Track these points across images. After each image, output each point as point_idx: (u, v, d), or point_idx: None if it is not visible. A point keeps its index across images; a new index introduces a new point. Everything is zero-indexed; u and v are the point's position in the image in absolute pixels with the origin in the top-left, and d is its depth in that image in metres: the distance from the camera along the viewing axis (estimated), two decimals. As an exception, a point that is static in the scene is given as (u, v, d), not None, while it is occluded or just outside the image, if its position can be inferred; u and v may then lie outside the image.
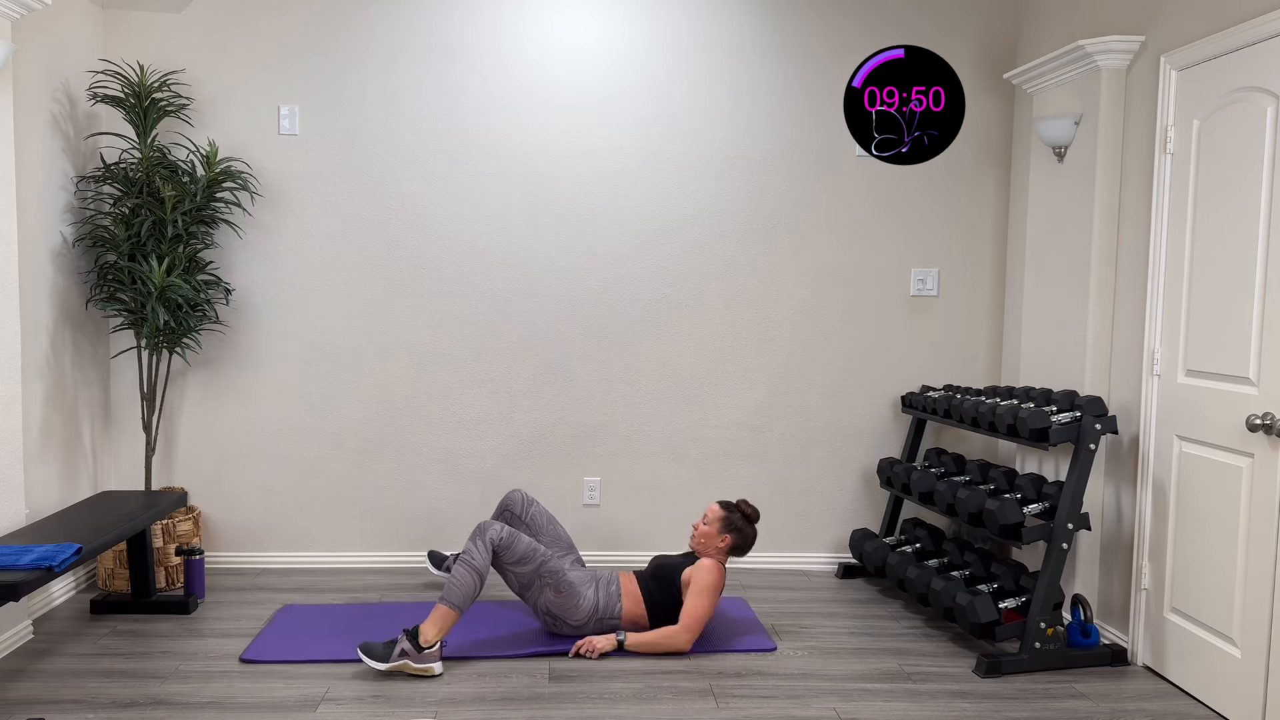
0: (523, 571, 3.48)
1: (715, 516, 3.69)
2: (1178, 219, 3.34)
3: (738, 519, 3.69)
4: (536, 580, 3.49)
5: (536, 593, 3.51)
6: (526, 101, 4.38)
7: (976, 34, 4.45)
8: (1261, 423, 2.91)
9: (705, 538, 3.66)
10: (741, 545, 3.69)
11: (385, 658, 3.26)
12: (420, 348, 4.44)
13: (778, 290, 4.51)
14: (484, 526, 3.45)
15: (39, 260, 3.80)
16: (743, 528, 3.69)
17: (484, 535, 3.42)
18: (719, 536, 3.65)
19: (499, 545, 3.43)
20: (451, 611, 3.30)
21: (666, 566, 3.67)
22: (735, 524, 3.68)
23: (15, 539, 3.22)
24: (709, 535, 3.65)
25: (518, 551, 3.46)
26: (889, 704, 3.14)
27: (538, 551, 3.50)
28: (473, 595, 3.33)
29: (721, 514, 3.70)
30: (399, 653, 3.25)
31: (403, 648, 3.25)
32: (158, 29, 4.26)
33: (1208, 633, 3.17)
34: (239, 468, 4.42)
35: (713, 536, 3.65)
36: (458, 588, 3.31)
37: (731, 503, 3.76)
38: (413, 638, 3.26)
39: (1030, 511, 3.57)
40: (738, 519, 3.69)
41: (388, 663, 3.25)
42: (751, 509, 3.74)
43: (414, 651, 3.25)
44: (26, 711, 2.97)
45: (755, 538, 3.73)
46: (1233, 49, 3.08)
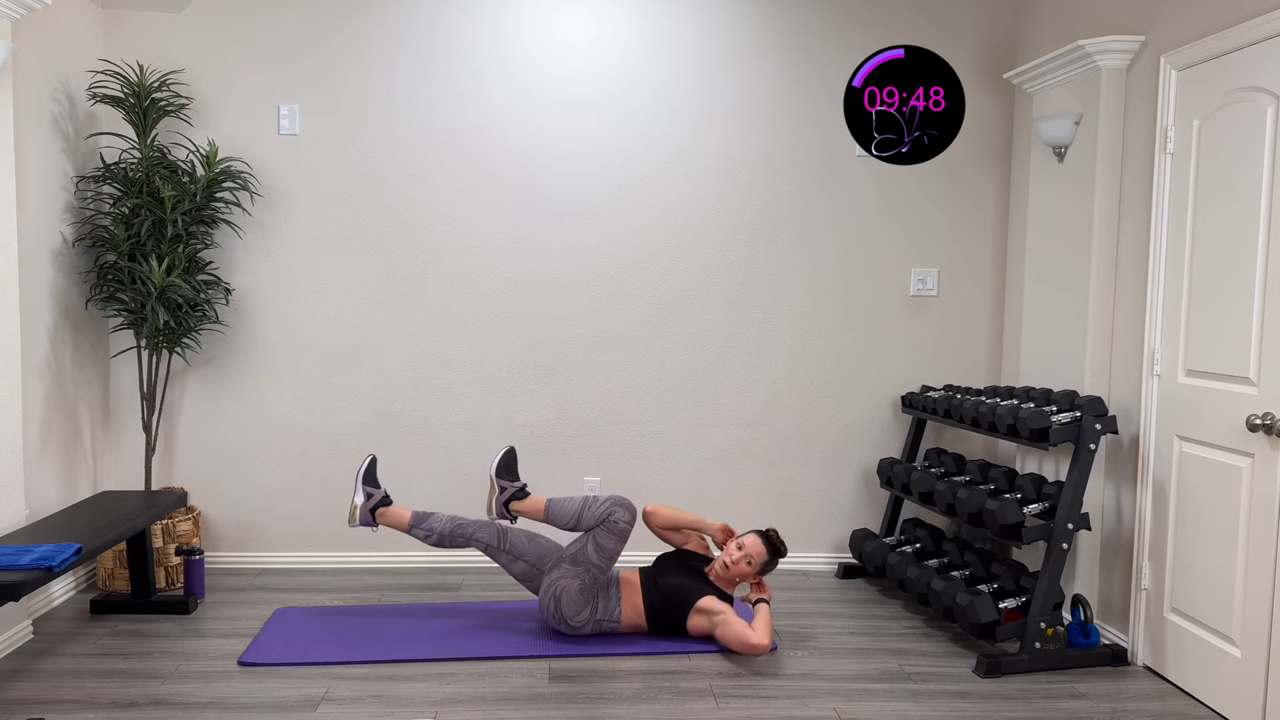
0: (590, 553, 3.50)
1: (759, 560, 3.59)
2: (1178, 219, 3.34)
3: (774, 565, 3.65)
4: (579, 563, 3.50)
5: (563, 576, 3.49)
6: (526, 102, 4.38)
7: (976, 34, 4.45)
8: (1261, 423, 2.91)
9: (741, 576, 3.61)
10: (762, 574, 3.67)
11: (498, 479, 3.69)
12: (420, 348, 4.44)
13: (778, 290, 4.51)
14: (621, 501, 3.54)
15: (39, 260, 3.80)
16: (773, 569, 3.67)
17: (618, 505, 3.51)
18: (754, 577, 3.63)
19: (620, 528, 3.49)
20: (543, 511, 3.60)
21: (678, 590, 3.59)
22: (771, 569, 3.66)
23: (15, 539, 3.22)
24: (745, 575, 3.60)
25: (616, 547, 3.52)
26: (889, 704, 3.14)
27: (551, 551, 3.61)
28: (564, 521, 3.56)
29: (765, 558, 3.60)
30: (501, 487, 3.67)
31: (505, 486, 3.67)
32: (158, 29, 4.26)
33: (1208, 633, 3.17)
34: (239, 467, 4.42)
35: (748, 576, 3.61)
36: (560, 507, 3.57)
37: (769, 539, 3.63)
38: (518, 493, 3.64)
39: (1030, 511, 3.57)
40: (774, 565, 3.65)
41: (496, 479, 3.68)
42: (785, 548, 3.68)
43: (502, 497, 3.65)
44: (26, 711, 2.97)
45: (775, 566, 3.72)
46: (1232, 49, 3.08)
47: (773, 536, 3.65)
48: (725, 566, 3.61)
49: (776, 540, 3.65)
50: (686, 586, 3.58)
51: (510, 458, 3.73)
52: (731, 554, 3.60)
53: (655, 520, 3.79)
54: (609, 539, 3.50)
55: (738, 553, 3.59)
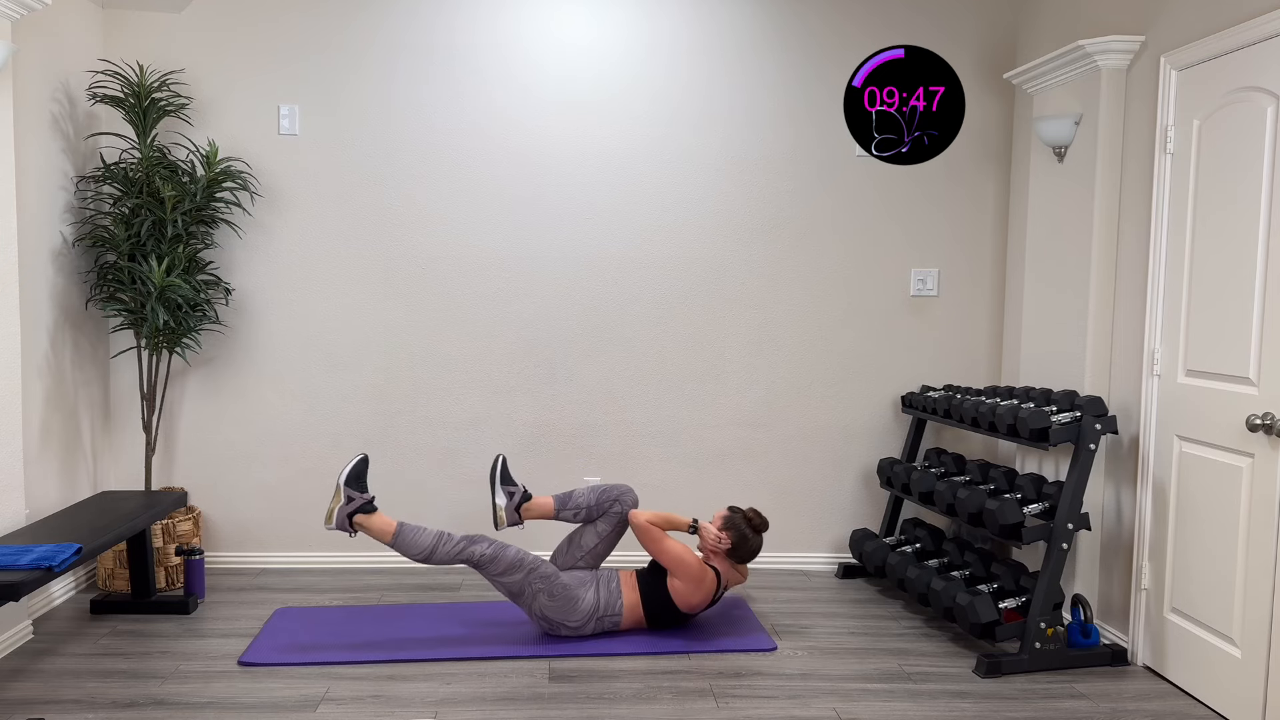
0: (512, 580, 3.48)
1: (719, 516, 3.73)
2: (1178, 219, 3.34)
3: (739, 519, 3.70)
4: (527, 588, 3.49)
5: (530, 599, 3.51)
6: (526, 101, 4.38)
7: (976, 34, 4.45)
8: (1261, 423, 2.91)
9: (713, 542, 3.67)
10: (740, 545, 3.68)
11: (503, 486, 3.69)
12: (420, 347, 4.44)
13: (778, 290, 4.51)
14: (475, 538, 3.49)
15: (39, 260, 3.80)
16: (742, 528, 3.69)
17: (471, 544, 3.47)
18: (719, 533, 3.66)
19: (482, 560, 3.46)
20: (390, 531, 3.47)
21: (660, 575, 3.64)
22: (736, 524, 3.69)
23: (15, 539, 3.22)
24: (715, 538, 3.66)
25: (504, 562, 3.47)
26: (889, 704, 3.14)
27: (525, 560, 3.49)
28: (415, 549, 3.46)
29: (725, 514, 3.72)
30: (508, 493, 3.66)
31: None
32: (158, 29, 4.26)
33: (1208, 633, 3.17)
34: (239, 467, 4.42)
35: (718, 539, 3.65)
36: (412, 535, 3.47)
37: (739, 507, 3.79)
38: (365, 506, 3.48)
39: (1030, 511, 3.57)
40: (739, 519, 3.70)
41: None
42: (760, 518, 3.73)
43: (350, 507, 3.48)
44: (26, 711, 2.97)
45: (759, 548, 3.73)
46: (1232, 49, 3.08)
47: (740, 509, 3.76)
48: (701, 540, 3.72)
49: (744, 510, 3.75)
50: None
51: (502, 466, 3.74)
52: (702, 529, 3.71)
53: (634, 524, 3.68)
54: (496, 563, 3.48)
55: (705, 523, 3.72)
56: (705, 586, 3.58)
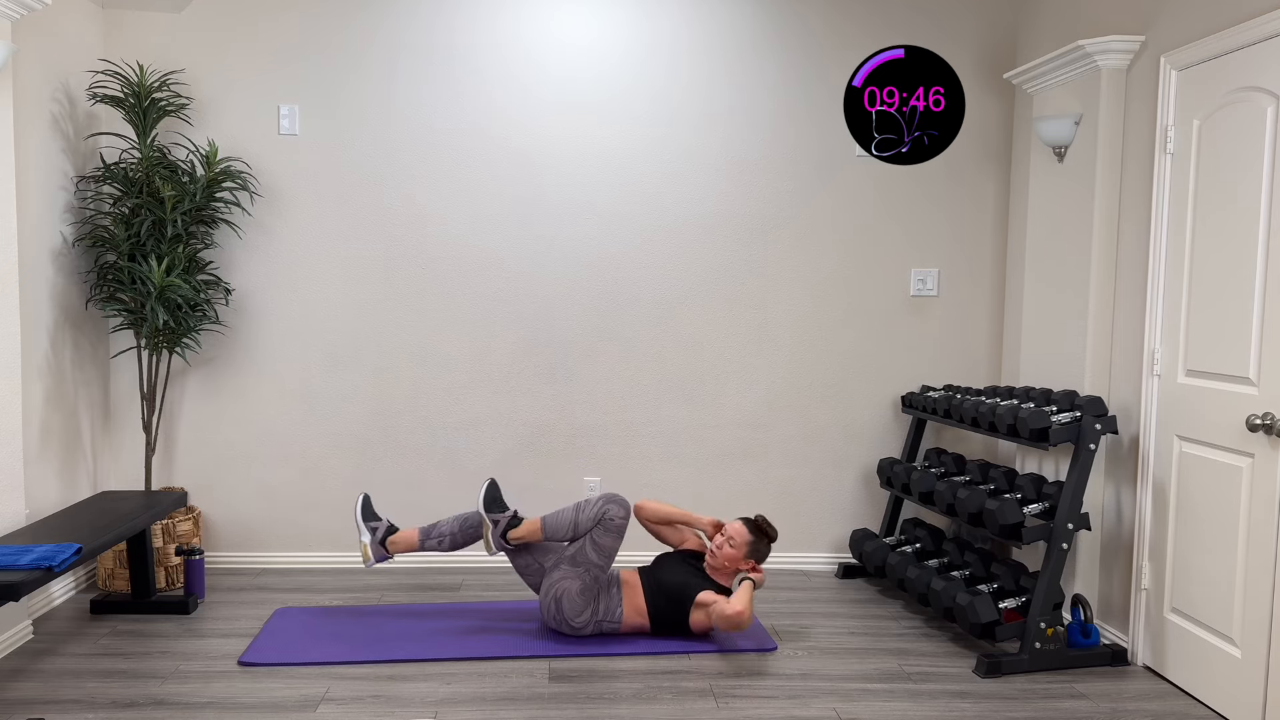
0: (588, 553, 3.51)
1: (743, 541, 3.63)
2: (1178, 219, 3.34)
3: (763, 546, 3.66)
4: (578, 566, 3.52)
5: (563, 578, 3.50)
6: (526, 101, 4.38)
7: (976, 34, 4.45)
8: (1261, 423, 2.91)
9: (729, 561, 3.62)
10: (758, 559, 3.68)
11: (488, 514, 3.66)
12: (420, 348, 4.44)
13: (778, 290, 4.51)
14: (614, 497, 3.56)
15: (39, 260, 3.80)
16: (765, 552, 3.68)
17: (611, 502, 3.53)
18: (744, 560, 3.63)
19: (616, 524, 3.52)
20: (539, 530, 3.57)
21: (677, 585, 3.60)
22: (760, 551, 3.66)
23: (15, 539, 3.22)
24: (733, 559, 3.62)
25: (614, 544, 3.54)
26: (889, 704, 3.14)
27: (613, 553, 3.57)
28: (562, 532, 3.56)
29: (749, 539, 3.63)
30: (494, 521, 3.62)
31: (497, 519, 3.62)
32: (158, 29, 4.26)
33: (1208, 633, 3.17)
34: (239, 468, 4.42)
35: (737, 560, 3.62)
36: (555, 521, 3.56)
37: (755, 523, 3.68)
38: (511, 522, 3.60)
39: (1030, 511, 3.57)
40: (763, 546, 3.66)
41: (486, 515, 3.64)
42: (774, 531, 3.70)
43: (497, 531, 3.60)
44: (26, 711, 2.97)
45: (767, 554, 3.72)
46: (1232, 49, 3.08)
47: (757, 519, 3.70)
48: (713, 554, 3.65)
49: (761, 521, 3.69)
50: (685, 582, 3.59)
51: (494, 490, 3.71)
52: (715, 540, 3.66)
53: (645, 514, 3.79)
54: (607, 537, 3.52)
55: (720, 538, 3.66)
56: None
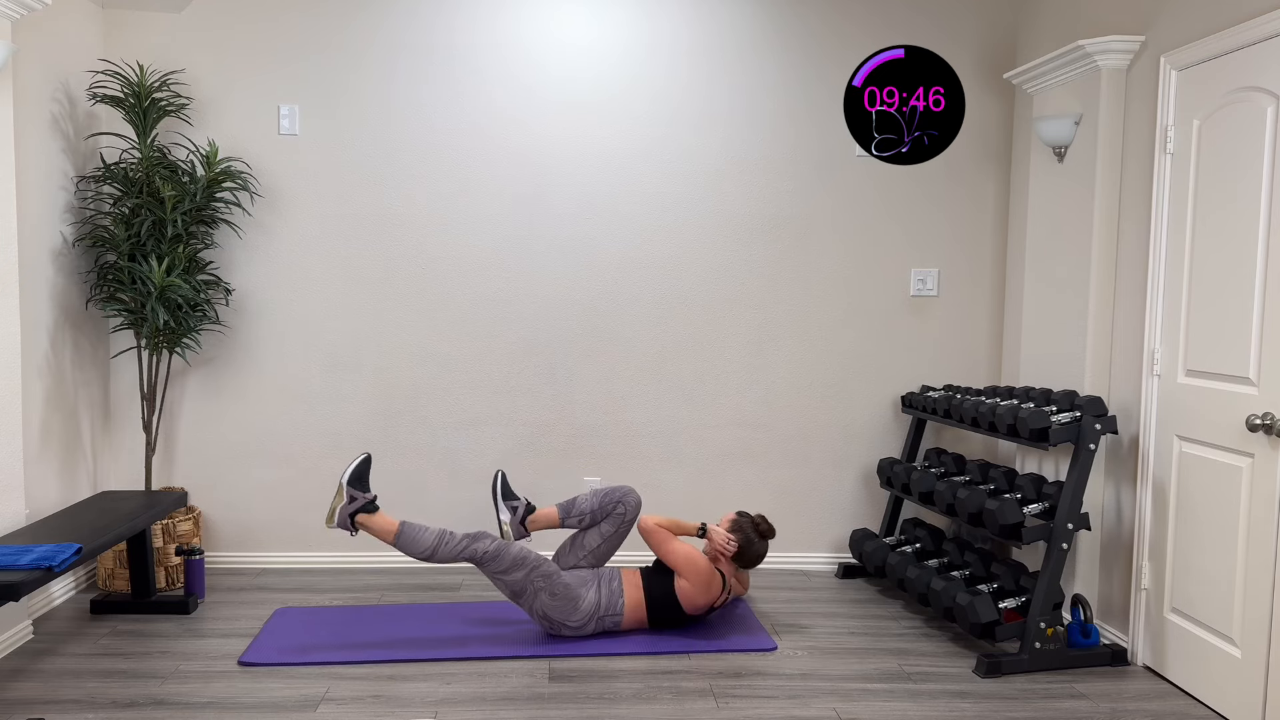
0: (514, 579, 3.48)
1: (727, 520, 3.75)
2: (1178, 219, 3.34)
3: (746, 523, 3.72)
4: (529, 586, 3.49)
5: (531, 598, 3.51)
6: (526, 101, 4.38)
7: (976, 34, 4.45)
8: (1261, 423, 2.91)
9: (721, 544, 3.67)
10: (745, 549, 3.69)
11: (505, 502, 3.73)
12: (420, 347, 4.44)
13: (777, 290, 4.51)
14: (478, 535, 3.50)
15: (39, 260, 3.80)
16: (749, 532, 3.70)
17: (474, 541, 3.48)
18: (728, 535, 3.67)
19: (484, 557, 3.46)
20: (392, 531, 3.47)
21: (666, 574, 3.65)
22: (743, 527, 3.70)
23: (15, 539, 3.22)
24: (723, 540, 3.66)
25: (506, 560, 3.47)
26: (889, 704, 3.14)
27: (528, 558, 3.49)
28: (418, 548, 3.47)
29: (733, 518, 3.75)
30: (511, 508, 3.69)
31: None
32: (158, 29, 4.26)
33: (1208, 633, 3.17)
34: (239, 468, 4.42)
35: (726, 540, 3.66)
36: (414, 534, 3.48)
37: (748, 513, 3.81)
38: (368, 505, 3.48)
39: (1030, 511, 3.57)
40: (746, 523, 3.72)
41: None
42: (767, 524, 3.75)
43: (352, 506, 3.47)
44: (26, 711, 2.97)
45: (764, 554, 3.74)
46: (1232, 49, 3.08)
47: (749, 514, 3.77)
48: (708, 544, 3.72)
49: (753, 516, 3.76)
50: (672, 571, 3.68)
51: (505, 482, 3.79)
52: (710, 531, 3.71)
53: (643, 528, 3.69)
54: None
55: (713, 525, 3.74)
56: (712, 588, 3.58)
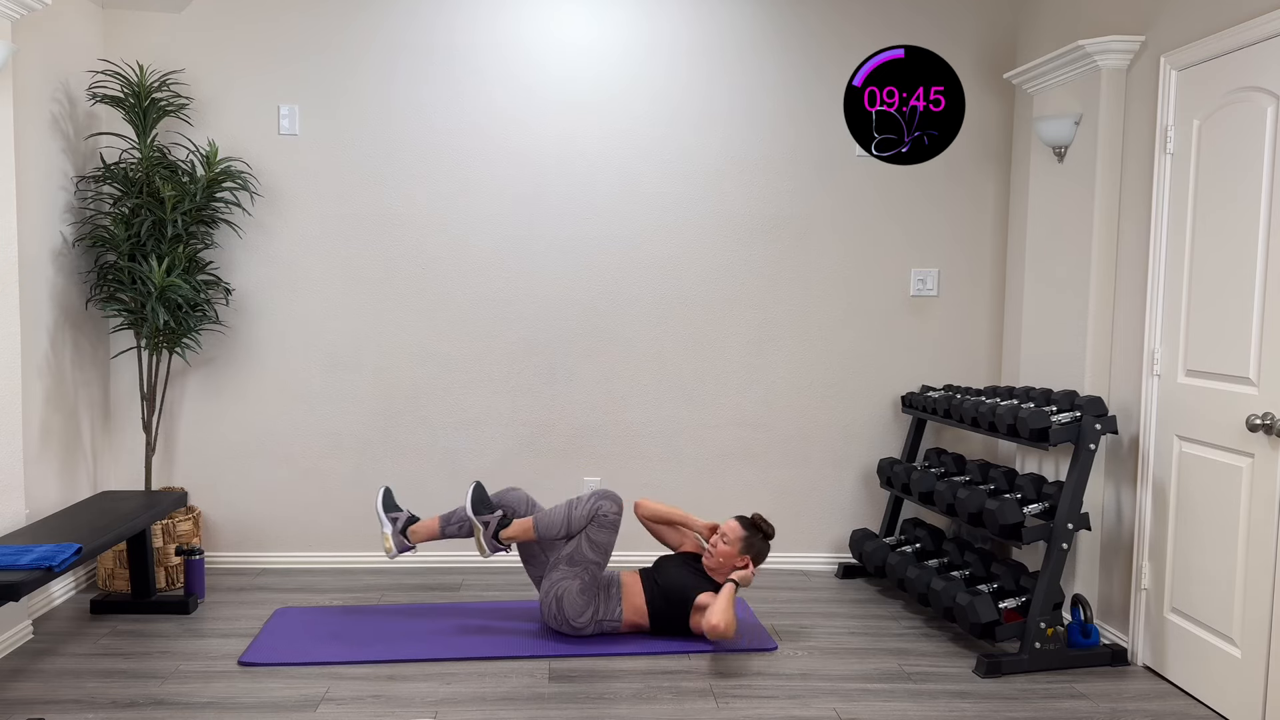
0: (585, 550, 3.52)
1: (736, 537, 3.63)
2: (1178, 219, 3.34)
3: (758, 541, 3.66)
4: (576, 564, 3.52)
5: (562, 578, 3.51)
6: (526, 101, 4.38)
7: (976, 34, 4.45)
8: (1261, 423, 2.91)
9: (725, 558, 3.62)
10: (756, 563, 3.68)
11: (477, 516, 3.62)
12: (420, 347, 4.44)
13: (778, 290, 4.51)
14: (606, 493, 3.55)
15: (39, 260, 3.80)
16: (761, 549, 3.67)
17: (604, 499, 3.53)
18: (739, 558, 3.63)
19: (610, 519, 3.52)
20: (531, 530, 3.56)
21: (677, 587, 3.60)
22: (755, 546, 3.65)
23: (15, 539, 3.22)
24: (728, 555, 3.62)
25: (609, 539, 3.54)
26: (889, 704, 3.14)
27: (610, 551, 3.56)
28: (555, 531, 3.55)
29: (743, 535, 3.63)
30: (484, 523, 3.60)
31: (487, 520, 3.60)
32: (158, 29, 4.26)
33: (1208, 633, 3.17)
34: (239, 468, 4.42)
35: (732, 557, 3.62)
36: (547, 520, 3.56)
37: (749, 519, 3.69)
38: (501, 522, 3.60)
39: (1030, 511, 3.57)
40: (758, 541, 3.66)
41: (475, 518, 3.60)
42: (769, 527, 3.70)
43: (488, 532, 3.58)
44: (26, 711, 2.97)
45: (766, 554, 3.72)
46: (1232, 49, 3.08)
47: (753, 517, 3.71)
48: (709, 554, 3.66)
49: (756, 518, 3.70)
50: (685, 584, 3.60)
51: (480, 492, 3.68)
52: (711, 539, 3.68)
53: (644, 511, 3.84)
54: (602, 533, 3.54)
55: (715, 535, 3.67)
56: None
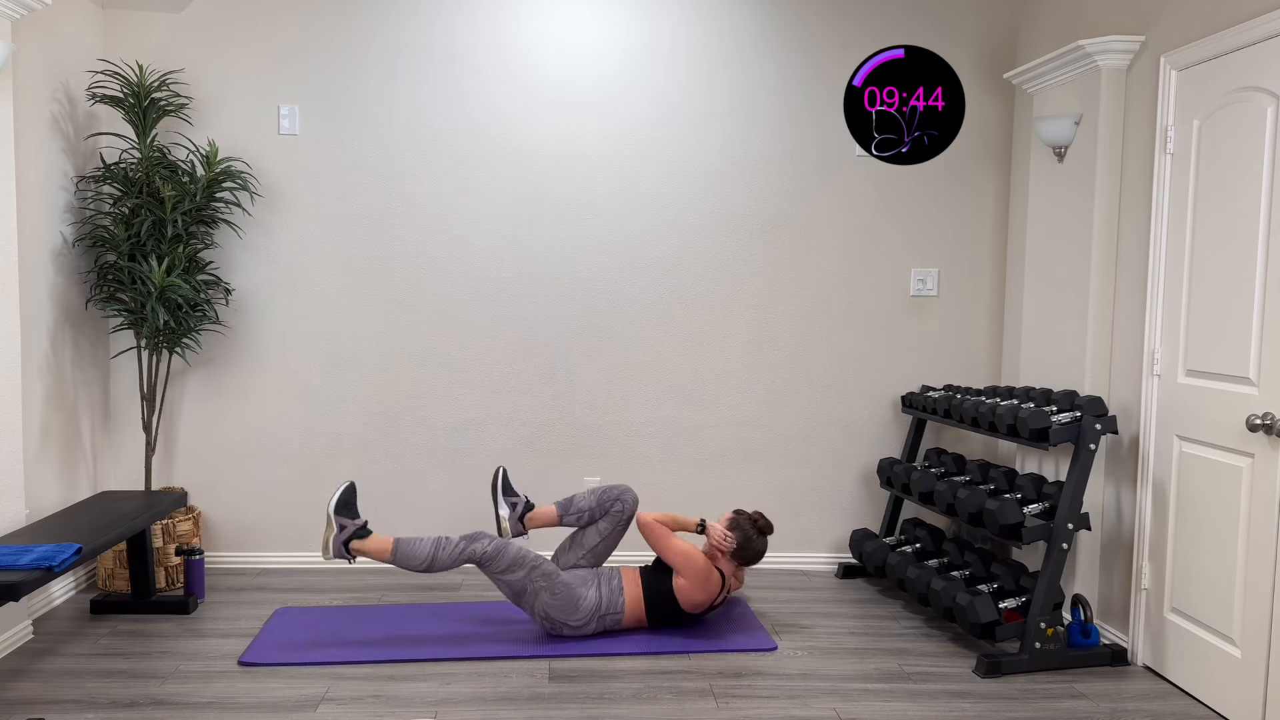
0: (514, 579, 3.49)
1: (725, 517, 3.74)
2: (1178, 219, 3.34)
3: (745, 520, 3.72)
4: (529, 585, 3.49)
5: (531, 598, 3.51)
6: (526, 101, 4.38)
7: (976, 34, 4.45)
8: (1261, 423, 2.91)
9: (719, 540, 3.66)
10: (744, 546, 3.68)
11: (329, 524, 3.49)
12: (420, 347, 4.44)
13: (778, 290, 4.51)
14: (475, 536, 3.50)
15: (39, 260, 3.80)
16: (748, 530, 3.69)
17: (471, 543, 3.48)
18: (725, 532, 3.66)
19: (484, 557, 3.47)
20: (388, 549, 3.46)
21: (664, 573, 3.65)
22: (742, 525, 3.69)
23: (15, 539, 3.22)
24: (721, 537, 3.66)
25: (506, 559, 3.47)
26: (889, 704, 3.14)
27: (527, 557, 3.49)
28: (416, 562, 3.46)
29: (730, 514, 3.75)
30: (340, 526, 3.46)
31: (344, 524, 3.46)
32: (157, 29, 4.26)
33: (1208, 633, 3.17)
34: (239, 468, 4.42)
35: (725, 538, 3.65)
36: (409, 548, 3.46)
37: (745, 510, 3.80)
38: (359, 531, 3.47)
39: (1030, 511, 3.57)
40: (745, 520, 3.72)
41: (329, 525, 3.47)
42: (765, 521, 3.74)
43: (343, 534, 3.46)
44: (26, 711, 2.97)
45: (763, 550, 3.73)
46: (1232, 49, 3.08)
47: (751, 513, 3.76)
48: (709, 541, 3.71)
49: (754, 514, 3.75)
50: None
51: (505, 478, 3.80)
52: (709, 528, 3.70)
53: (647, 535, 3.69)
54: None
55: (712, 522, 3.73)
56: (710, 585, 3.58)
